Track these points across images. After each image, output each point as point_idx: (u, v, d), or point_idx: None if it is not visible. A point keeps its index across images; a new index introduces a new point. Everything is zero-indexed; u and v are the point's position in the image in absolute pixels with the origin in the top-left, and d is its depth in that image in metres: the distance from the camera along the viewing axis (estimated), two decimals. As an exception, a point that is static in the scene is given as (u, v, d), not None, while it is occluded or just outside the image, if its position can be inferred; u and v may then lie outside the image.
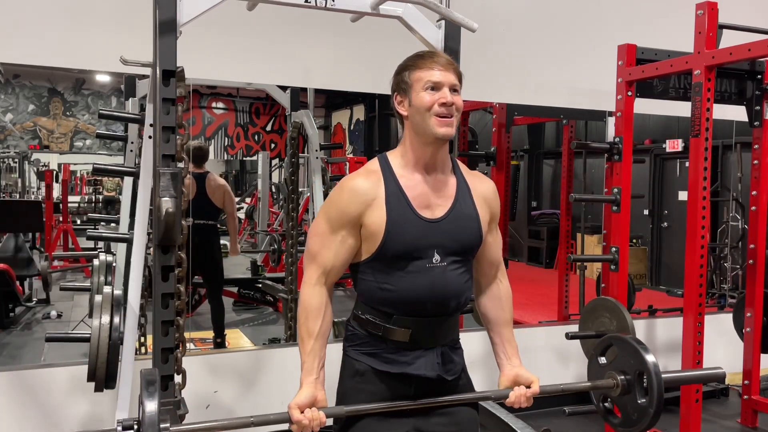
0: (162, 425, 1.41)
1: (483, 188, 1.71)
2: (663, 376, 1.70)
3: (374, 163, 1.65)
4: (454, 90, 1.58)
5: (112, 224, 4.60)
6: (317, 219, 1.67)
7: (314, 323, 1.60)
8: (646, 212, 8.47)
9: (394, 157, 1.65)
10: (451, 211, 1.63)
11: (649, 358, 1.70)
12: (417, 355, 1.62)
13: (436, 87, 1.57)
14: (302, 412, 1.53)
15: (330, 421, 1.73)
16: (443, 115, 1.56)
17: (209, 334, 4.77)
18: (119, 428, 1.39)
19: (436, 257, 1.60)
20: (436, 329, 1.64)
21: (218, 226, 4.92)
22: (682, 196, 7.79)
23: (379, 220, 1.57)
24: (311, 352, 1.58)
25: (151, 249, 2.25)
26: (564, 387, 1.82)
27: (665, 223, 8.40)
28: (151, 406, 1.41)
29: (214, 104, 10.39)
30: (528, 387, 1.71)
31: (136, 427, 1.41)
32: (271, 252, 6.89)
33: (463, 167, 1.73)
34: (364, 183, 1.60)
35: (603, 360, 1.86)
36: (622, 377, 1.76)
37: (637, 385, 1.72)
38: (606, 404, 1.86)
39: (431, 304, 1.61)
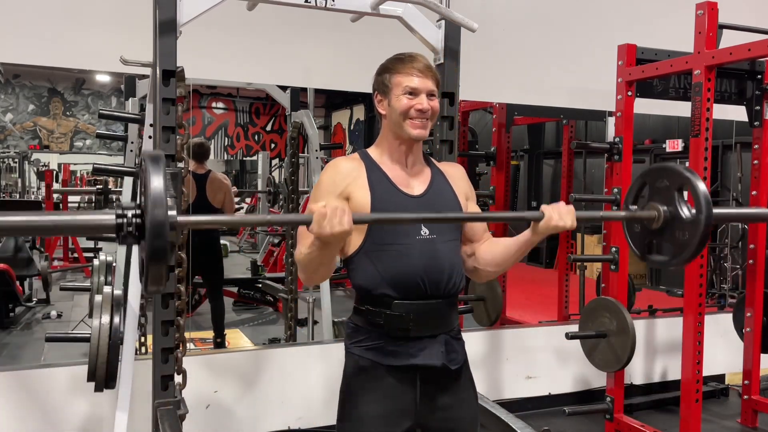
0: (170, 212, 1.13)
1: (453, 171, 1.83)
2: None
3: (355, 154, 1.75)
4: (431, 95, 1.68)
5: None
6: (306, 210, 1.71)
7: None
8: (646, 212, 8.45)
9: (372, 151, 1.76)
10: (430, 189, 1.73)
11: (691, 173, 1.52)
12: (420, 346, 1.64)
13: (414, 93, 1.67)
14: None
15: (333, 420, 1.74)
16: (418, 119, 1.66)
17: (209, 334, 4.77)
18: (119, 205, 1.16)
19: (425, 230, 1.66)
20: (435, 314, 1.66)
21: (218, 226, 4.92)
22: (682, 196, 7.76)
23: (364, 198, 1.64)
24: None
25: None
26: (603, 215, 1.72)
27: (665, 223, 8.38)
28: (158, 183, 1.12)
29: (214, 104, 10.40)
30: None
31: (136, 209, 1.14)
32: (267, 193, 6.86)
33: (433, 159, 1.84)
34: (346, 163, 1.70)
35: (635, 208, 1.65)
36: (664, 207, 1.55)
37: (680, 204, 1.53)
38: (648, 248, 1.63)
39: (427, 280, 1.64)
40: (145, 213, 1.12)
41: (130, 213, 1.15)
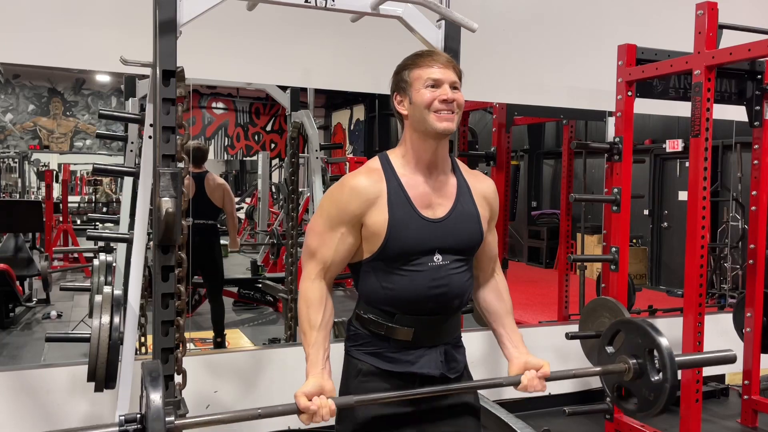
0: (167, 418, 1.35)
1: (483, 187, 1.71)
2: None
3: (375, 162, 1.64)
4: (454, 87, 1.58)
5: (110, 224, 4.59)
6: (316, 216, 1.65)
7: (316, 315, 1.59)
8: (646, 212, 8.47)
9: (394, 156, 1.65)
10: (453, 211, 1.63)
11: (660, 336, 1.71)
12: (420, 354, 1.62)
13: (436, 84, 1.57)
14: (310, 400, 1.50)
15: (332, 422, 1.73)
16: (443, 111, 1.56)
17: (209, 334, 4.77)
18: (122, 419, 1.33)
19: (438, 257, 1.60)
20: (439, 328, 1.64)
21: (218, 225, 4.93)
22: (682, 196, 7.79)
23: (381, 219, 1.57)
24: (315, 344, 1.57)
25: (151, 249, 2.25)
26: (575, 372, 1.79)
27: (665, 223, 8.40)
28: (156, 398, 1.34)
29: (214, 104, 10.39)
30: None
31: (139, 417, 1.35)
32: (270, 246, 6.87)
33: (463, 167, 1.73)
34: (365, 181, 1.59)
35: (611, 349, 1.82)
36: (634, 361, 1.74)
37: (649, 364, 1.71)
38: (619, 393, 1.82)
39: (433, 304, 1.60)
40: (146, 425, 1.34)
41: (131, 428, 1.36)
